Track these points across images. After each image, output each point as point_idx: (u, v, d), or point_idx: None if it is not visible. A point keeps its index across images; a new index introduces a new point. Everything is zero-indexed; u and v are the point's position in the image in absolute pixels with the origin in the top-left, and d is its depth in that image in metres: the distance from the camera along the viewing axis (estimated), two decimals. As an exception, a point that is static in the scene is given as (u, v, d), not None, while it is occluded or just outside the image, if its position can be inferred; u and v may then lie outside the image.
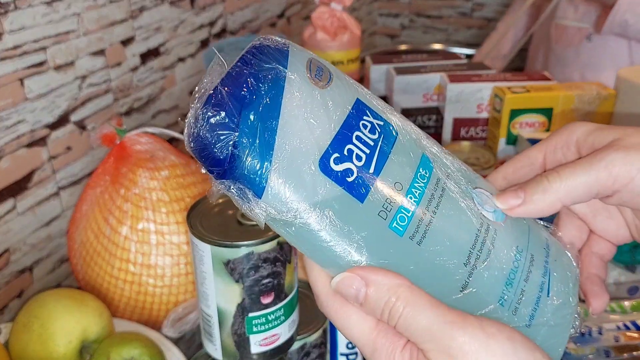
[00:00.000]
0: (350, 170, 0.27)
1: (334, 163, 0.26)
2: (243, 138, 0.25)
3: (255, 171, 0.25)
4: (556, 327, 0.29)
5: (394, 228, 0.27)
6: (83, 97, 0.71)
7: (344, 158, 0.27)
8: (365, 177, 0.27)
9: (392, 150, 0.28)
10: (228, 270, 0.42)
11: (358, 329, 0.28)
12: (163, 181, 0.59)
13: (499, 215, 0.30)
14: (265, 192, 0.26)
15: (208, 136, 0.26)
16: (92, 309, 0.50)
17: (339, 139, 0.27)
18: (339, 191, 0.26)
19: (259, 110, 0.25)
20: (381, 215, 0.27)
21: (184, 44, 0.90)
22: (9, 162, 0.62)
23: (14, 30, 0.60)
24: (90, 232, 0.60)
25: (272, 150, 0.25)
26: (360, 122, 0.28)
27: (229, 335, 0.45)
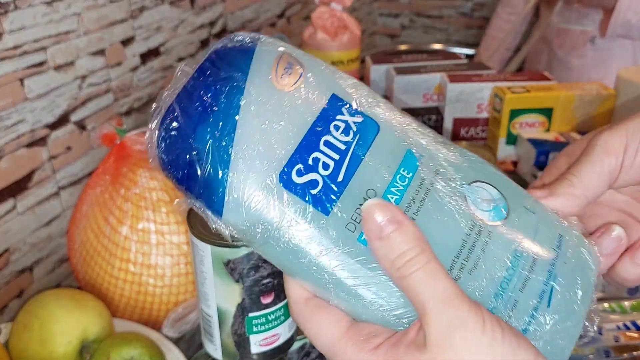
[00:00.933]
0: (315, 181, 0.25)
1: (296, 175, 0.25)
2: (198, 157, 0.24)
3: (211, 190, 0.25)
4: (555, 341, 0.26)
5: (363, 241, 0.25)
6: (83, 97, 0.71)
7: (308, 168, 0.25)
8: (332, 188, 0.25)
9: (369, 152, 0.26)
10: (228, 270, 0.42)
11: (328, 335, 0.27)
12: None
13: (497, 214, 0.27)
14: (225, 210, 0.25)
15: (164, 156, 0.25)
16: (92, 309, 0.50)
17: (304, 148, 0.25)
18: (301, 206, 0.25)
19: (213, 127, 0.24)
20: (349, 227, 0.25)
21: (184, 44, 0.90)
22: (9, 162, 0.62)
23: (14, 30, 0.60)
24: (91, 232, 0.60)
25: (227, 168, 0.24)
26: (331, 123, 0.26)
27: (229, 335, 0.45)
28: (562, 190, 0.29)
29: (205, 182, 0.25)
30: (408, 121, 0.28)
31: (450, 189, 0.27)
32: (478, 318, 0.24)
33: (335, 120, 0.26)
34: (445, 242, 0.26)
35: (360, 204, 0.25)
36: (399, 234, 0.25)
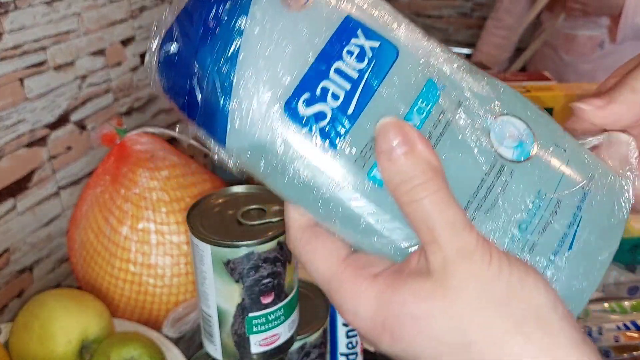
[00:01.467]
0: (323, 113, 0.23)
1: (303, 106, 0.23)
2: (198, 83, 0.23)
3: (214, 118, 0.23)
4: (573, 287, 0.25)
5: (373, 177, 0.23)
6: (83, 97, 0.71)
7: (315, 99, 0.23)
8: (342, 121, 0.23)
9: (384, 81, 0.24)
10: (228, 270, 0.42)
11: (325, 263, 0.26)
12: (163, 181, 0.59)
13: (523, 151, 0.25)
14: (228, 140, 0.23)
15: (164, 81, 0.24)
16: (92, 309, 0.50)
17: (312, 75, 0.23)
18: (307, 138, 0.23)
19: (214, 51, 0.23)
20: (358, 163, 0.23)
21: (184, 44, 0.91)
22: (9, 162, 0.62)
23: (14, 30, 0.60)
24: (91, 232, 0.60)
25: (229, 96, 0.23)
26: (344, 48, 0.24)
27: (229, 335, 0.45)
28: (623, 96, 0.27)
29: (207, 110, 0.23)
30: (432, 46, 0.26)
31: (473, 123, 0.25)
32: (485, 252, 0.23)
33: (348, 45, 0.24)
34: (462, 181, 0.24)
35: (372, 137, 0.23)
36: (411, 157, 0.23)
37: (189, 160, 0.65)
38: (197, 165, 0.66)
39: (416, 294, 0.23)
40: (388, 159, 0.23)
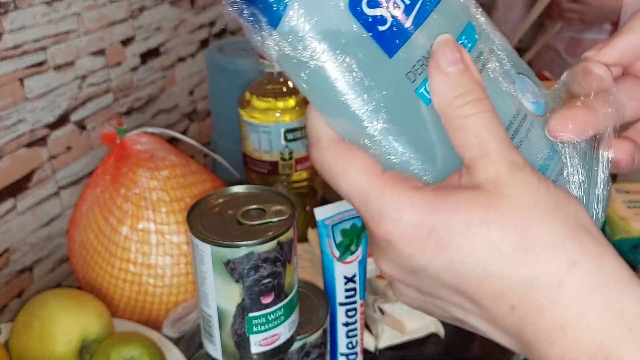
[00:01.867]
0: (384, 18, 0.24)
1: (367, 5, 0.23)
2: None
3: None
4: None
5: (421, 94, 0.24)
6: (83, 97, 0.71)
7: (379, 2, 0.24)
8: (400, 30, 0.24)
9: (437, 9, 0.25)
10: (228, 270, 0.42)
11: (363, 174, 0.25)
12: (163, 181, 0.59)
13: (540, 107, 0.27)
14: (282, 21, 0.23)
15: None
16: (92, 309, 0.50)
17: None
18: (366, 38, 0.23)
19: None
20: (409, 76, 0.24)
21: (184, 44, 0.91)
22: (9, 162, 0.62)
23: (14, 29, 0.60)
24: (91, 232, 0.60)
25: None
26: None
27: (229, 335, 0.45)
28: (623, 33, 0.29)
29: None
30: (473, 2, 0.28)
31: (503, 71, 0.26)
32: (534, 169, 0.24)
33: None
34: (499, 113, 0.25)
35: (424, 56, 0.24)
36: (466, 74, 0.24)
37: (189, 160, 0.65)
38: (197, 165, 0.66)
39: (470, 202, 0.23)
40: (444, 73, 0.24)
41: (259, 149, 0.70)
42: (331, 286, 0.52)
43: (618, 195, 0.67)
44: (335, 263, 0.51)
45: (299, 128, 0.70)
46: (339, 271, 0.51)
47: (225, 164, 0.74)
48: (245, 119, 0.70)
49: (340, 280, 0.52)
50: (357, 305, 0.53)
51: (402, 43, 0.24)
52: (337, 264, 0.51)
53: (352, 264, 0.51)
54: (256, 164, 0.72)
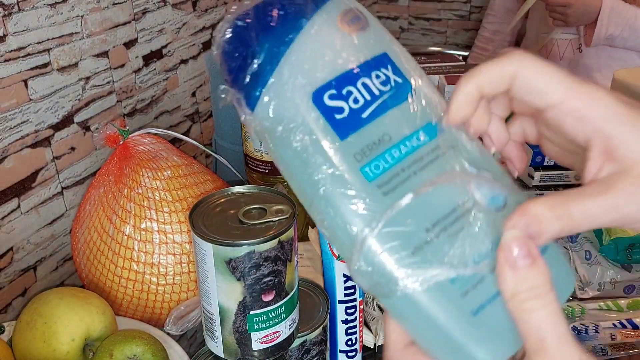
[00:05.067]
0: (342, 109, 0.28)
1: (328, 98, 0.28)
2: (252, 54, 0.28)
3: (253, 85, 0.28)
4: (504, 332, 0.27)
5: (365, 172, 0.27)
6: (87, 98, 0.72)
7: (340, 96, 0.28)
8: (355, 119, 0.28)
9: (398, 106, 0.29)
10: (230, 268, 0.43)
11: None
12: (166, 181, 0.60)
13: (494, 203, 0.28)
14: (258, 105, 0.28)
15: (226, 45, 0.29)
16: (95, 307, 0.51)
17: (343, 79, 0.28)
18: (322, 123, 0.28)
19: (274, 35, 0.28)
20: (356, 157, 0.27)
21: (187, 46, 0.91)
22: (13, 162, 0.62)
23: (17, 32, 0.61)
24: (94, 231, 0.60)
25: (273, 71, 0.28)
26: (374, 72, 0.29)
27: (230, 332, 0.46)
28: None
29: (251, 77, 0.28)
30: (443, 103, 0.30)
31: (459, 163, 0.29)
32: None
33: (378, 71, 0.29)
34: (439, 201, 0.27)
35: (374, 142, 0.28)
36: (533, 269, 0.25)
37: (191, 160, 0.65)
38: (199, 165, 0.66)
39: None
40: (513, 268, 0.26)
41: (260, 150, 0.71)
42: (331, 284, 0.53)
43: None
44: (335, 262, 0.52)
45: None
46: (339, 269, 0.52)
47: (226, 164, 0.74)
48: (247, 120, 0.70)
49: (340, 278, 0.52)
50: (357, 303, 0.54)
51: (355, 129, 0.28)
52: (337, 262, 0.52)
53: (351, 262, 0.52)
54: (257, 164, 0.73)
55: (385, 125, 0.28)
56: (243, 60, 0.29)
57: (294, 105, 0.28)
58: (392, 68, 0.30)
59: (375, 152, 0.28)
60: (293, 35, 0.28)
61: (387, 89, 0.29)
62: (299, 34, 0.28)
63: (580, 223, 0.26)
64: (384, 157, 0.28)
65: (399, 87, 0.29)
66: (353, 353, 0.55)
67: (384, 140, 0.28)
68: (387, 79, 0.29)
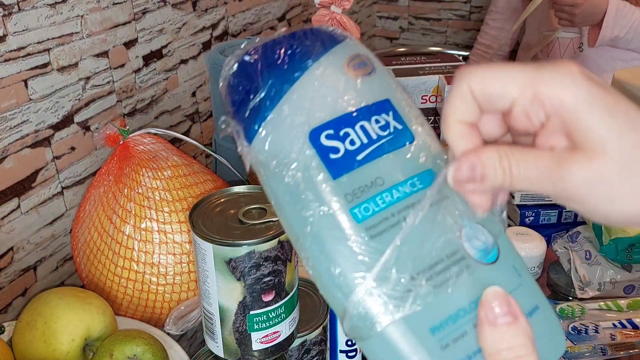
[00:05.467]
0: (337, 149, 0.28)
1: (324, 137, 0.28)
2: (256, 89, 0.29)
3: (253, 119, 0.29)
4: None
5: (354, 213, 0.27)
6: (87, 98, 0.72)
7: (337, 137, 0.28)
8: (349, 161, 0.28)
9: (395, 152, 0.29)
10: (230, 268, 0.43)
11: None
12: (166, 181, 0.60)
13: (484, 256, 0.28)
14: (255, 138, 0.29)
15: (232, 78, 0.30)
16: (95, 307, 0.51)
17: (341, 121, 0.29)
18: (316, 161, 0.28)
19: (279, 73, 0.29)
20: (347, 197, 0.28)
21: (186, 46, 0.91)
22: (13, 162, 0.62)
23: (17, 32, 0.61)
24: (94, 231, 0.60)
25: (273, 107, 0.29)
26: (374, 116, 0.29)
27: (230, 332, 0.46)
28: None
29: (251, 110, 0.29)
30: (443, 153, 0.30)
31: (452, 215, 0.28)
32: None
33: (378, 116, 0.29)
34: (427, 250, 0.27)
35: (366, 184, 0.28)
36: (514, 327, 0.25)
37: (191, 160, 0.65)
38: (199, 165, 0.66)
39: None
40: (492, 325, 0.25)
41: (260, 150, 0.71)
42: (331, 285, 0.53)
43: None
44: (335, 262, 0.52)
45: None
46: (339, 270, 0.52)
47: (226, 164, 0.74)
48: (247, 120, 0.70)
49: (340, 278, 0.52)
50: (357, 304, 0.54)
51: (349, 170, 0.28)
52: (336, 262, 0.52)
53: (351, 262, 0.52)
54: (257, 165, 0.73)
55: (379, 169, 0.28)
56: (246, 94, 0.29)
57: (290, 142, 0.28)
58: (394, 114, 0.30)
59: (367, 195, 0.28)
60: (298, 74, 0.29)
61: (386, 133, 0.29)
62: (304, 74, 0.29)
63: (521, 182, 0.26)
64: (374, 200, 0.28)
65: (397, 133, 0.29)
66: (353, 353, 0.55)
67: (376, 183, 0.28)
68: (387, 124, 0.29)
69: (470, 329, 0.26)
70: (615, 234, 0.63)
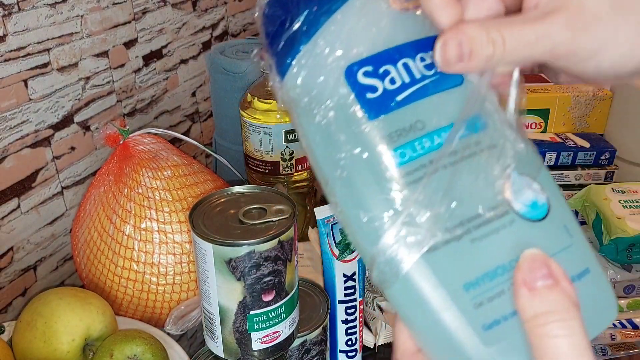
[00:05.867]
0: (376, 88, 0.26)
1: (362, 75, 0.26)
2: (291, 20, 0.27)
3: (287, 52, 0.27)
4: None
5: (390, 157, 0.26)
6: (87, 98, 0.72)
7: (375, 75, 0.26)
8: (388, 101, 0.26)
9: (439, 94, 0.26)
10: (230, 268, 0.43)
11: None
12: (166, 181, 0.60)
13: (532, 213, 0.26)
14: (288, 73, 0.27)
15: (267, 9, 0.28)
16: (95, 307, 0.51)
17: (382, 57, 0.26)
18: (352, 100, 0.26)
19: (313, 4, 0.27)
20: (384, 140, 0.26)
21: (186, 46, 0.91)
22: (13, 162, 0.62)
23: (17, 31, 0.61)
24: (94, 231, 0.60)
25: (308, 39, 0.27)
26: (419, 54, 0.27)
27: (230, 332, 0.46)
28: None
29: (285, 43, 0.27)
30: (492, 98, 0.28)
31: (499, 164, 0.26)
32: None
33: (425, 54, 0.27)
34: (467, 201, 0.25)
35: (405, 128, 0.26)
36: (554, 291, 0.23)
37: (191, 160, 0.65)
38: (199, 165, 0.66)
39: None
40: (530, 289, 0.23)
41: (260, 150, 0.71)
42: (331, 284, 0.53)
43: (614, 195, 0.68)
44: (335, 261, 0.52)
45: (300, 129, 0.70)
46: (339, 269, 0.52)
47: (226, 164, 0.74)
48: (247, 120, 0.70)
49: (340, 278, 0.52)
50: (357, 303, 0.54)
51: (387, 111, 0.26)
52: (336, 262, 0.52)
53: (351, 262, 0.52)
54: (257, 164, 0.73)
55: (420, 111, 0.26)
56: (280, 25, 0.27)
57: (324, 78, 0.26)
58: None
59: (405, 139, 0.26)
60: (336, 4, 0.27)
61: (431, 73, 0.27)
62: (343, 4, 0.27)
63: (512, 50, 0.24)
64: (413, 145, 0.26)
65: (443, 74, 0.27)
66: (353, 353, 0.55)
67: (416, 127, 0.26)
68: (433, 63, 0.27)
69: (508, 289, 0.25)
70: (615, 234, 0.63)
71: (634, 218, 0.64)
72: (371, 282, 0.63)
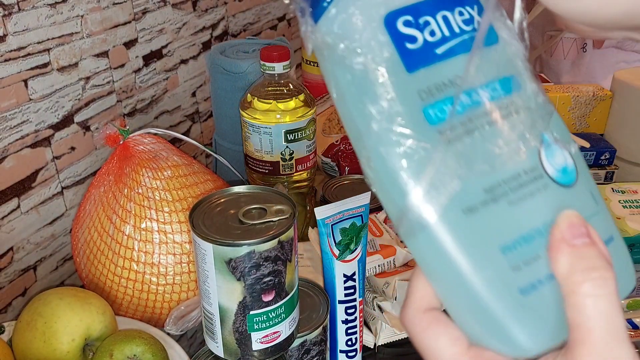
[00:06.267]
0: (415, 38, 0.25)
1: (402, 24, 0.25)
2: None
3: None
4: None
5: (427, 113, 0.25)
6: (87, 98, 0.72)
7: (416, 25, 0.25)
8: (428, 53, 0.25)
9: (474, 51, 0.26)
10: (230, 268, 0.43)
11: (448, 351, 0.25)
12: (166, 181, 0.60)
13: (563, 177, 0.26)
14: (323, 17, 0.26)
15: None
16: (95, 307, 0.51)
17: (422, 7, 0.25)
18: (390, 50, 0.25)
19: None
20: (421, 95, 0.25)
21: (186, 46, 0.91)
22: (13, 162, 0.62)
23: (17, 31, 0.61)
24: (94, 231, 0.60)
25: None
26: (458, 7, 0.26)
27: (230, 332, 0.46)
28: None
29: None
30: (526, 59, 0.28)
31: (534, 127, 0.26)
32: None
33: (463, 8, 0.26)
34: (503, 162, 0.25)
35: (444, 82, 0.25)
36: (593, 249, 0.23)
37: (191, 160, 0.65)
38: (200, 165, 0.66)
39: None
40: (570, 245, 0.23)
41: (260, 150, 0.71)
42: (331, 284, 0.53)
43: (614, 195, 0.68)
44: (335, 262, 0.52)
45: (300, 129, 0.70)
46: (339, 269, 0.52)
47: (226, 164, 0.74)
48: (247, 120, 0.70)
49: (340, 278, 0.52)
50: (357, 303, 0.54)
51: (424, 65, 0.25)
52: (336, 262, 0.52)
53: (351, 262, 0.52)
54: (257, 164, 0.73)
55: (459, 67, 0.25)
56: None
57: (362, 24, 0.25)
58: (479, 10, 0.26)
59: (444, 94, 0.25)
60: None
61: (469, 29, 0.26)
62: None
63: None
64: (450, 101, 0.25)
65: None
66: (353, 353, 0.55)
67: (454, 82, 0.25)
68: (471, 18, 0.26)
69: (543, 253, 0.24)
70: (616, 234, 0.63)
71: (633, 218, 0.64)
72: (371, 282, 0.63)
